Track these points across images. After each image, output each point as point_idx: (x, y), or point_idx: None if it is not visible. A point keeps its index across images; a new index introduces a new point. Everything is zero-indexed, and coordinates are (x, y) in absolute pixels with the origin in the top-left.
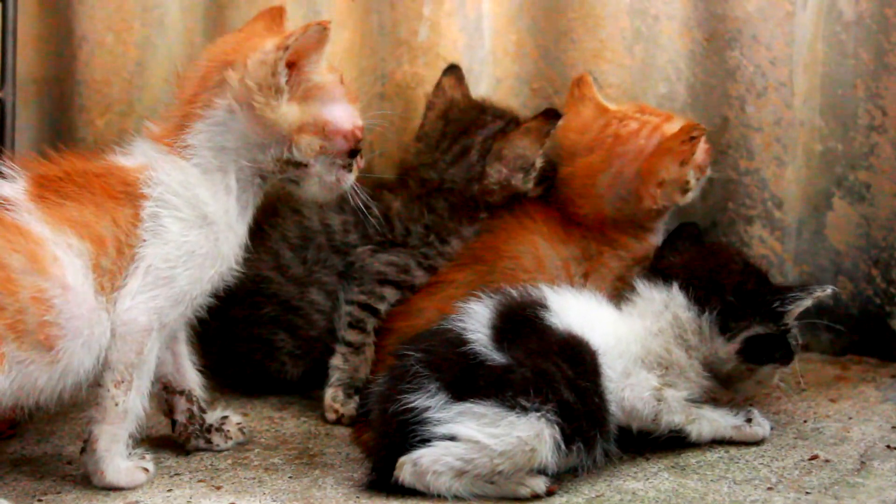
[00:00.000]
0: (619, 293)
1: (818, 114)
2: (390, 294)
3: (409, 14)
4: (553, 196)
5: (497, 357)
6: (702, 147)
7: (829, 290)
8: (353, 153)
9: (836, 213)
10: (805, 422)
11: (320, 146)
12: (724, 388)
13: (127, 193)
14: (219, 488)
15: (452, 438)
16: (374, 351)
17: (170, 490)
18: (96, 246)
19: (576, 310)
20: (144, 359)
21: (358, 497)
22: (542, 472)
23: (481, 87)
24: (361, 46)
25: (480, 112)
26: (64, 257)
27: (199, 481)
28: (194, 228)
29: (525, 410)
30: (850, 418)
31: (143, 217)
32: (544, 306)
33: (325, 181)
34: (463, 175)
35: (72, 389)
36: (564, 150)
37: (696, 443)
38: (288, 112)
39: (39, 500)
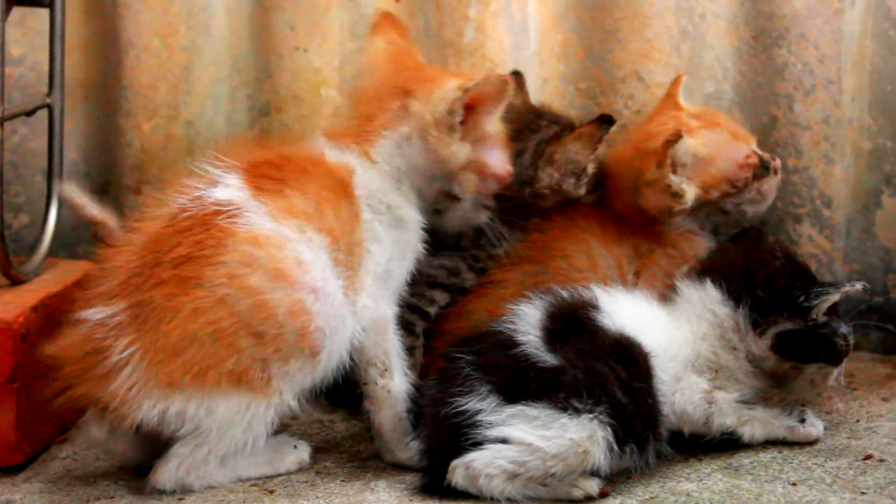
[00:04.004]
0: (667, 292)
1: (867, 111)
2: (440, 297)
3: (454, 15)
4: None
5: (548, 358)
6: (731, 157)
7: (858, 285)
8: (497, 196)
9: (886, 210)
10: (858, 421)
11: (476, 186)
12: (777, 387)
13: (341, 189)
14: (272, 492)
15: (504, 441)
16: (424, 353)
17: (223, 494)
18: (331, 238)
19: (628, 311)
20: (394, 343)
21: (411, 500)
22: (594, 473)
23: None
24: None
25: (536, 117)
26: (308, 256)
27: (252, 485)
28: (394, 229)
29: (577, 412)
30: None
31: (361, 217)
32: (595, 307)
33: (467, 216)
34: (515, 178)
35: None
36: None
37: (749, 444)
38: (459, 150)
39: None
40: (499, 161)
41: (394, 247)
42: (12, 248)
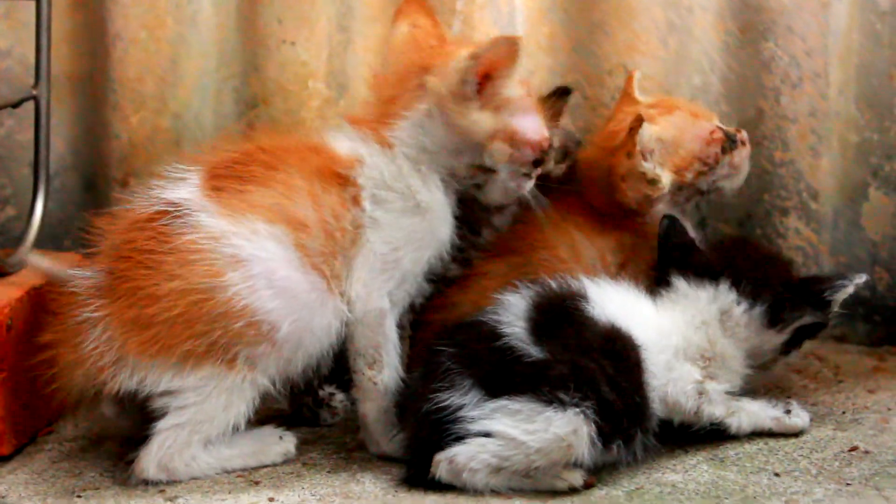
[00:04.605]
0: (651, 285)
1: (853, 104)
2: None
3: (442, 8)
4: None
5: (533, 351)
6: (697, 136)
7: (863, 278)
8: (538, 163)
9: (872, 203)
10: (844, 413)
11: (509, 154)
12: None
13: (335, 178)
14: (257, 483)
15: (487, 435)
16: (409, 344)
17: (208, 485)
18: (293, 227)
19: (617, 302)
20: (388, 337)
21: (396, 492)
22: (579, 465)
23: None
24: None
25: None
26: (248, 251)
27: (238, 476)
28: (408, 216)
29: (562, 406)
30: (889, 409)
31: (362, 204)
32: (584, 298)
33: (507, 187)
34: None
35: (304, 369)
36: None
37: (735, 435)
38: (480, 120)
39: (79, 497)
40: (531, 126)
41: (406, 236)
42: None
